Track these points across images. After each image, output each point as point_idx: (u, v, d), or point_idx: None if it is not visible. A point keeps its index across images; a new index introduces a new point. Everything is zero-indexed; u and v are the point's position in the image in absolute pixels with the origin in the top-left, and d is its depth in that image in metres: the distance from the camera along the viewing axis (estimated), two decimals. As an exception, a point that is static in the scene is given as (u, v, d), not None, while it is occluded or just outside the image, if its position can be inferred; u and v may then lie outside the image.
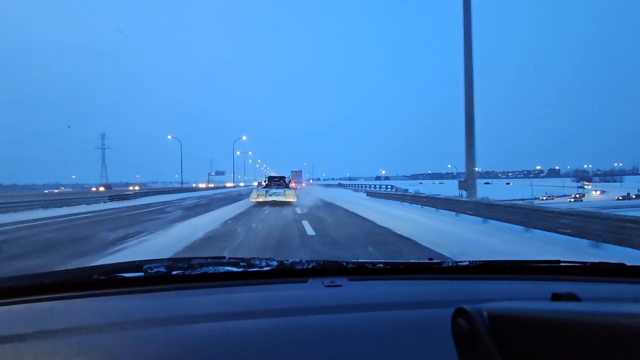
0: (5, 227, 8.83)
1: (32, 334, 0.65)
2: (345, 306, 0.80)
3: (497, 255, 5.15)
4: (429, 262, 1.14)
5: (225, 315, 0.74)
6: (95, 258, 5.06)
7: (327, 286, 0.93)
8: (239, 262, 1.08)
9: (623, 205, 35.79)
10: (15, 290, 0.88)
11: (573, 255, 2.72)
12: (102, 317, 0.73)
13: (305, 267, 1.07)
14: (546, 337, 0.33)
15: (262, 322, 0.70)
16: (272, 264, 1.07)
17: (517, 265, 1.12)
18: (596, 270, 1.06)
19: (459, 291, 0.94)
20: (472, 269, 1.10)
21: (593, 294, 0.88)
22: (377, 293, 0.91)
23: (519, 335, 0.35)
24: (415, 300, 0.84)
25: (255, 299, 0.86)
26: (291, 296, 0.89)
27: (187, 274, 0.99)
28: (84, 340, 0.63)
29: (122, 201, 19.51)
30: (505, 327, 0.36)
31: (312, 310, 0.77)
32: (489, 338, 0.36)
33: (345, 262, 1.11)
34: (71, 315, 0.76)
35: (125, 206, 16.35)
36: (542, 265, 1.11)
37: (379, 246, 6.00)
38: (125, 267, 1.01)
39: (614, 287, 0.97)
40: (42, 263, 4.89)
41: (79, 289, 0.90)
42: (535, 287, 0.99)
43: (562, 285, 0.98)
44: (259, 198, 14.83)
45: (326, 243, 6.20)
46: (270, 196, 14.69)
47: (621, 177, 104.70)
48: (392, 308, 0.78)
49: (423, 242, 6.31)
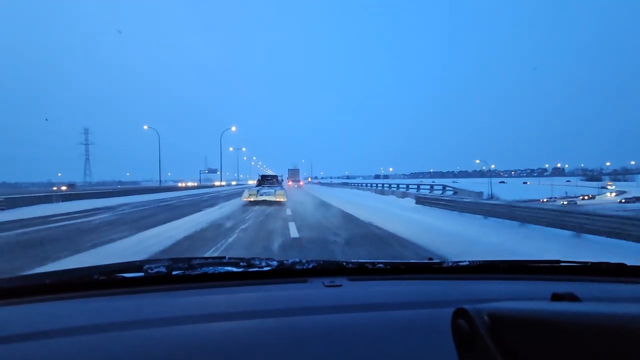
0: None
1: (32, 334, 0.65)
2: (345, 306, 0.80)
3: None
4: (429, 262, 1.14)
5: (225, 315, 0.74)
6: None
7: (327, 286, 0.93)
8: (239, 262, 1.08)
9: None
10: (15, 290, 0.88)
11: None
12: (102, 317, 0.74)
13: (305, 267, 1.07)
14: (546, 337, 0.33)
15: (262, 322, 0.70)
16: (272, 264, 1.07)
17: (517, 265, 1.12)
18: (596, 270, 1.06)
19: (459, 291, 0.94)
20: (472, 269, 1.10)
21: (593, 294, 0.88)
22: (377, 293, 0.91)
23: (519, 336, 0.35)
24: (415, 300, 0.84)
25: (255, 299, 0.86)
26: (291, 296, 0.89)
27: (187, 274, 0.99)
28: (84, 340, 0.64)
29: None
30: (505, 327, 0.36)
31: (312, 310, 0.77)
32: (489, 338, 0.36)
33: (345, 262, 1.11)
34: (71, 315, 0.76)
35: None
36: (542, 265, 1.11)
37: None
38: (125, 267, 1.01)
39: (614, 287, 0.97)
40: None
41: (79, 289, 0.90)
42: (535, 287, 0.99)
43: (562, 285, 0.98)
44: (251, 197, 14.60)
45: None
46: (261, 196, 14.45)
47: (633, 175, 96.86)
48: (392, 308, 0.78)
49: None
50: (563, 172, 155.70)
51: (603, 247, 5.80)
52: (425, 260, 1.16)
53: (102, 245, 5.89)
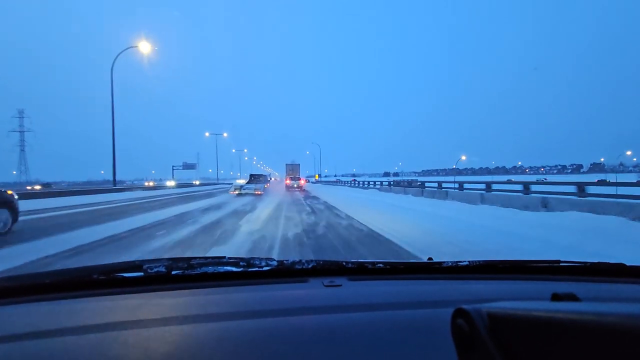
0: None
1: (32, 334, 0.65)
2: (344, 306, 0.80)
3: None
4: (429, 262, 1.14)
5: (225, 315, 0.74)
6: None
7: (327, 286, 0.93)
8: (239, 262, 1.08)
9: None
10: (15, 290, 0.88)
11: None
12: (102, 317, 0.73)
13: (304, 267, 1.07)
14: (546, 338, 0.33)
15: (262, 322, 0.70)
16: (272, 264, 1.07)
17: (516, 265, 1.12)
18: (596, 270, 1.06)
19: (459, 291, 0.94)
20: (471, 269, 1.10)
21: (593, 294, 0.88)
22: (376, 293, 0.91)
23: (518, 336, 0.35)
24: (414, 300, 0.84)
25: (254, 298, 0.86)
26: (291, 296, 0.89)
27: (187, 274, 0.99)
28: (84, 340, 0.63)
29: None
30: (505, 327, 0.36)
31: (311, 310, 0.77)
32: (489, 338, 0.36)
33: (345, 262, 1.11)
34: (71, 315, 0.76)
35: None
36: (541, 265, 1.11)
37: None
38: (125, 266, 1.01)
39: (614, 287, 0.97)
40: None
41: (78, 289, 0.90)
42: (535, 287, 0.99)
43: (561, 285, 0.98)
44: (236, 191, 20.36)
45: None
46: (244, 190, 20.32)
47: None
48: (391, 308, 0.78)
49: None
50: (603, 168, 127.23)
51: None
52: (425, 260, 1.16)
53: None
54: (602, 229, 6.24)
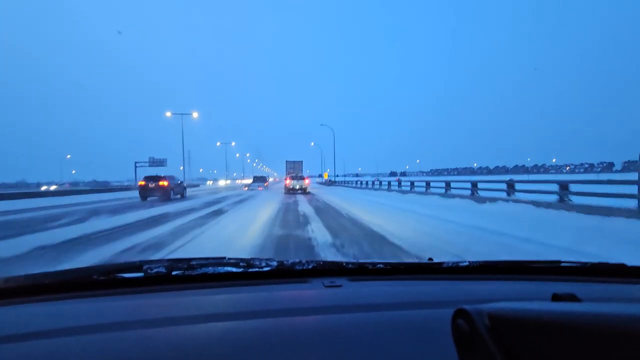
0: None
1: (32, 334, 0.65)
2: (345, 306, 0.80)
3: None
4: (429, 262, 1.14)
5: (225, 315, 0.74)
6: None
7: (327, 286, 0.93)
8: (239, 262, 1.08)
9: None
10: (15, 290, 0.88)
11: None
12: (102, 317, 0.73)
13: (305, 268, 1.07)
14: (546, 338, 0.33)
15: (262, 322, 0.70)
16: (272, 265, 1.07)
17: (517, 265, 1.12)
18: (596, 270, 1.06)
19: (459, 291, 0.94)
20: (472, 270, 1.10)
21: (593, 295, 0.88)
22: (377, 293, 0.91)
23: (519, 336, 0.35)
24: (415, 300, 0.84)
25: (255, 299, 0.86)
26: (291, 296, 0.89)
27: (187, 275, 0.99)
28: (84, 340, 0.63)
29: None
30: (506, 327, 0.36)
31: (312, 310, 0.77)
32: (489, 338, 0.36)
33: (345, 263, 1.11)
34: (71, 315, 0.76)
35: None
36: (542, 266, 1.11)
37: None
38: (125, 267, 1.01)
39: (614, 287, 0.97)
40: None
41: (78, 289, 0.90)
42: (536, 288, 0.99)
43: (562, 286, 0.97)
44: (245, 188, 30.92)
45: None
46: (251, 187, 31.81)
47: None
48: (392, 308, 0.78)
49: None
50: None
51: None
52: (425, 261, 1.16)
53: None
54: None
